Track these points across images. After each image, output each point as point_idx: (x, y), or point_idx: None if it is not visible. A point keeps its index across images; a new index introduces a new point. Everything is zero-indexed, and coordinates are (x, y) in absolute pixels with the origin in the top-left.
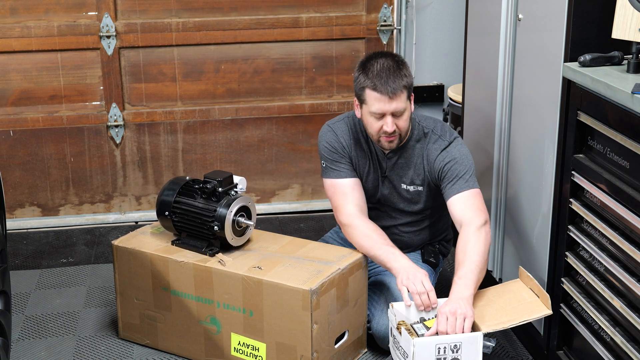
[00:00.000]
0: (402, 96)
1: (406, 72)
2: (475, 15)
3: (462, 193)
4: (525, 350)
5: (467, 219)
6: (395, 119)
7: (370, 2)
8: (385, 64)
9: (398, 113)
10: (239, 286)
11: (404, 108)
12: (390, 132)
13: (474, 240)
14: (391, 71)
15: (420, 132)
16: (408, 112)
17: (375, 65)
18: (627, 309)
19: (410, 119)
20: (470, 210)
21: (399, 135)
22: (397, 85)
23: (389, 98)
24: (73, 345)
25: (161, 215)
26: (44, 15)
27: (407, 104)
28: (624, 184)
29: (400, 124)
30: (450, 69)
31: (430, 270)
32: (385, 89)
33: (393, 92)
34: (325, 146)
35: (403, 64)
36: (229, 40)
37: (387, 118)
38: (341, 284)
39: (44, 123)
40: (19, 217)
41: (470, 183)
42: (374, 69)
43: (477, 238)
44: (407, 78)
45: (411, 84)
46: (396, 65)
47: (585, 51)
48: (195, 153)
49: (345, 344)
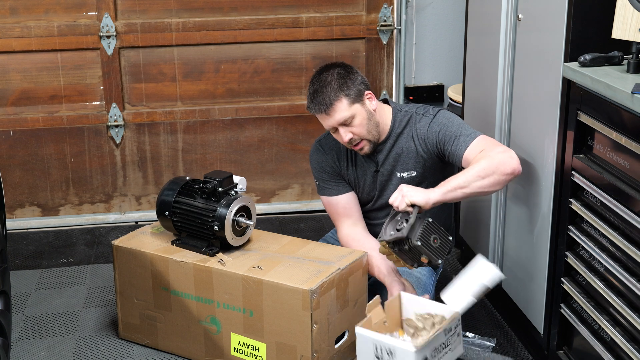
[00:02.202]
0: (340, 105)
1: (344, 80)
2: (475, 15)
3: (471, 145)
4: (525, 350)
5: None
6: (349, 127)
7: (370, 2)
8: (321, 81)
9: (346, 122)
10: (239, 286)
11: (350, 115)
12: (349, 141)
13: (480, 161)
14: (324, 86)
15: (403, 119)
16: (361, 116)
17: (311, 88)
18: (627, 309)
19: (369, 120)
20: (482, 151)
21: (365, 140)
22: (330, 99)
23: (327, 114)
24: (73, 345)
25: (161, 215)
26: (44, 15)
27: (355, 108)
28: (624, 184)
29: (355, 130)
30: (450, 69)
31: (430, 271)
32: (319, 108)
33: (327, 107)
34: (315, 166)
35: (345, 75)
36: (229, 40)
37: (340, 130)
38: (341, 284)
39: (44, 123)
40: (19, 217)
41: (472, 135)
42: (310, 92)
43: (483, 158)
44: (344, 86)
45: (357, 88)
46: (334, 77)
47: (585, 51)
48: (195, 153)
49: (345, 344)
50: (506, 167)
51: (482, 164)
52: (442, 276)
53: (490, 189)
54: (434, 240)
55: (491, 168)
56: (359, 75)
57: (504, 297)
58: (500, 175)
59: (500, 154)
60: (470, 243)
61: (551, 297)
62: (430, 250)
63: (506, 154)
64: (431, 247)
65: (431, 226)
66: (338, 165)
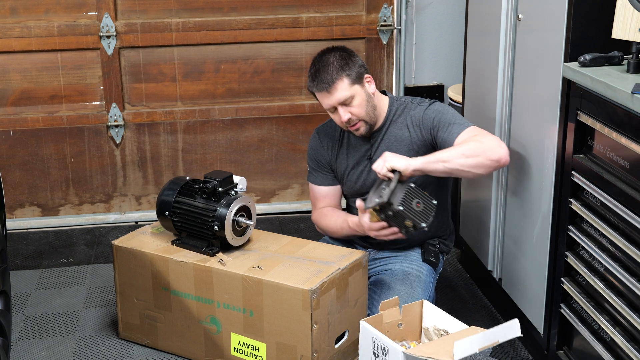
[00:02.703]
0: (341, 85)
1: (345, 61)
2: (475, 15)
3: (463, 132)
4: (525, 350)
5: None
6: (348, 107)
7: (370, 2)
8: (323, 62)
9: (346, 102)
10: (239, 286)
11: (350, 95)
12: (347, 121)
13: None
14: (327, 66)
15: (399, 107)
16: (360, 97)
17: (312, 69)
18: (627, 309)
19: (368, 102)
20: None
21: (362, 122)
22: (332, 77)
23: (328, 92)
24: (73, 345)
25: (161, 215)
26: (44, 15)
27: (355, 89)
28: (624, 184)
29: (354, 110)
30: (450, 69)
31: (430, 270)
32: (321, 86)
33: (329, 85)
34: (309, 152)
35: (345, 55)
36: (229, 40)
37: (339, 110)
38: (341, 284)
39: (44, 123)
40: (19, 217)
41: (465, 124)
42: (312, 72)
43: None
44: (346, 66)
45: (355, 70)
46: (336, 58)
47: (585, 51)
48: (195, 153)
49: (345, 344)
50: (493, 154)
51: (470, 144)
52: (443, 276)
53: (472, 170)
54: (416, 205)
55: (477, 151)
56: (359, 58)
57: (504, 297)
58: (486, 159)
59: (490, 141)
60: (470, 243)
61: (551, 297)
62: (413, 215)
63: (496, 142)
64: (414, 211)
65: (413, 191)
66: (330, 154)
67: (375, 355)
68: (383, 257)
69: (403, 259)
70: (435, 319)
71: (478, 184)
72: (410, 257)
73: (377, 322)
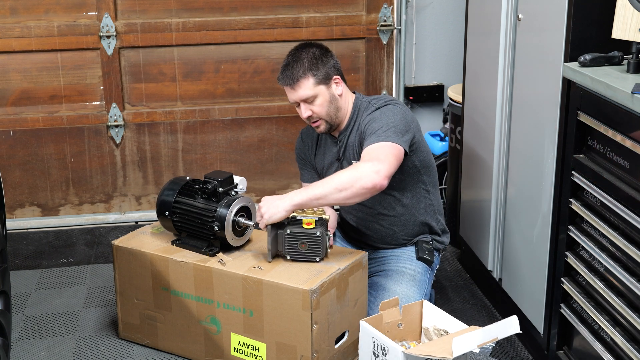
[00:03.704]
0: (305, 83)
1: (315, 60)
2: (475, 15)
3: (370, 146)
4: (525, 350)
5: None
6: (309, 105)
7: (370, 2)
8: (295, 58)
9: (308, 100)
10: (239, 286)
11: (312, 95)
12: (307, 118)
13: (344, 172)
14: (296, 62)
15: (363, 107)
16: (323, 97)
17: (285, 61)
18: (627, 309)
19: (331, 103)
20: (368, 156)
21: (322, 120)
22: (298, 75)
23: (292, 88)
24: (73, 345)
25: (161, 215)
26: (44, 15)
27: (319, 89)
28: (624, 184)
29: (314, 109)
30: (450, 69)
31: (425, 268)
32: (285, 81)
33: (293, 81)
34: (296, 152)
35: (320, 56)
36: (229, 40)
37: (301, 106)
38: (341, 284)
39: (44, 123)
40: (19, 217)
41: (381, 138)
42: (283, 65)
43: (348, 169)
44: (314, 66)
45: (323, 71)
46: (308, 55)
47: (585, 51)
48: (195, 153)
49: (346, 344)
50: (367, 181)
51: (343, 176)
52: (443, 276)
53: (348, 201)
54: (301, 246)
55: (350, 181)
56: (333, 59)
57: (504, 297)
58: (360, 188)
59: (366, 167)
60: (470, 243)
61: (551, 297)
62: (303, 257)
63: (373, 167)
64: (303, 254)
65: (290, 237)
66: (310, 153)
67: (375, 355)
68: (377, 258)
69: (397, 259)
70: (435, 319)
71: (478, 184)
72: (405, 257)
73: (377, 322)
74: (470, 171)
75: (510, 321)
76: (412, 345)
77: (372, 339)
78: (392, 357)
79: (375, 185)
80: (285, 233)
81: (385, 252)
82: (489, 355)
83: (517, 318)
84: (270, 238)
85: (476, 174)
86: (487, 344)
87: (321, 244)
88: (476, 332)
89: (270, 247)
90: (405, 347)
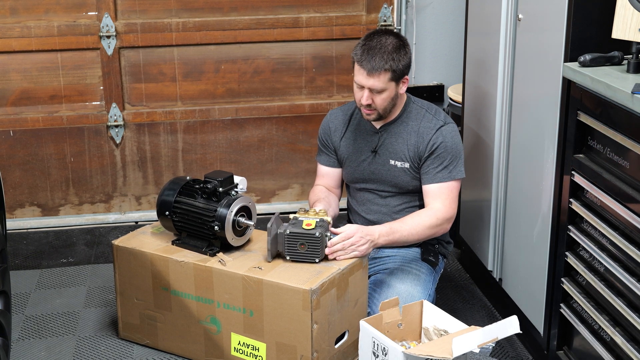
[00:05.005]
0: (381, 77)
1: (399, 56)
2: (475, 15)
3: (439, 184)
4: (525, 350)
5: (435, 207)
6: (373, 95)
7: (370, 2)
8: (381, 43)
9: (375, 90)
10: (239, 286)
11: (382, 88)
12: (365, 105)
13: (421, 217)
14: (382, 51)
15: (415, 111)
16: (389, 93)
17: (372, 42)
18: (627, 309)
19: (392, 100)
20: (439, 200)
21: (376, 112)
22: (379, 66)
23: (367, 74)
24: (73, 345)
25: (161, 215)
26: (44, 15)
27: (390, 85)
28: (624, 184)
29: (377, 101)
30: (450, 69)
31: (429, 269)
32: (366, 65)
33: (372, 70)
34: (320, 131)
35: (402, 47)
36: (229, 40)
37: (365, 91)
38: (341, 284)
39: (44, 123)
40: (19, 217)
41: (453, 173)
42: (369, 45)
43: (426, 217)
44: (397, 62)
45: (401, 69)
46: (394, 46)
47: (585, 51)
48: (195, 153)
49: (346, 344)
50: (441, 232)
51: (424, 227)
52: (443, 276)
53: (426, 238)
54: (301, 247)
55: (429, 234)
56: (410, 53)
57: (504, 297)
58: (434, 235)
59: (444, 218)
60: (470, 243)
61: (551, 297)
62: (303, 257)
63: (447, 215)
64: (302, 254)
65: (290, 238)
66: (336, 137)
67: (375, 355)
68: (382, 257)
69: (402, 258)
70: (435, 319)
71: (478, 184)
72: (410, 257)
73: (377, 322)
74: (470, 171)
75: (510, 321)
76: (412, 345)
77: (372, 339)
78: (392, 357)
79: (446, 231)
80: (284, 233)
81: (391, 252)
82: (489, 355)
83: (517, 318)
84: (270, 238)
85: (476, 174)
86: (487, 344)
87: (320, 245)
88: (476, 332)
89: (270, 247)
90: (405, 347)
